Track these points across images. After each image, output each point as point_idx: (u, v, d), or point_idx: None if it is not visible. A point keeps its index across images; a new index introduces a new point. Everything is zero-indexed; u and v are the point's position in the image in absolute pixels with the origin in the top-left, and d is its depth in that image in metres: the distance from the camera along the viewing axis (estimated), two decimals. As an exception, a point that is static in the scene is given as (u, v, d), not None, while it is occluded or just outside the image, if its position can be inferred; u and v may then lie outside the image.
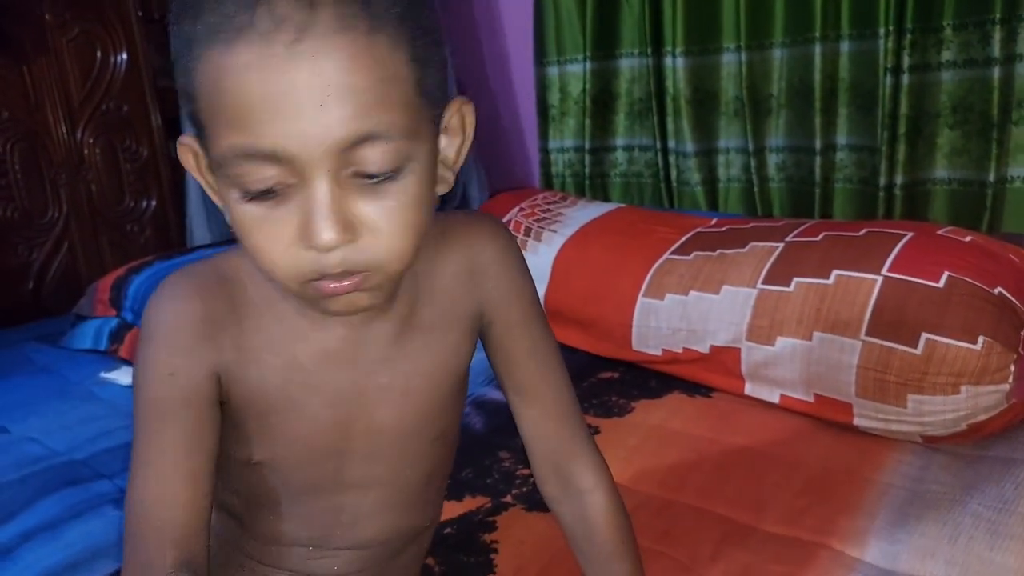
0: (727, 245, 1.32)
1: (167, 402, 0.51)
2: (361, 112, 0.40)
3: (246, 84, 0.39)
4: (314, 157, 0.40)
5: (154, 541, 0.50)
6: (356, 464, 0.57)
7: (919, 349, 1.03)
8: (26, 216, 2.05)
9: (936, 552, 0.85)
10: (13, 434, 1.28)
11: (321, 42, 0.38)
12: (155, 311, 0.52)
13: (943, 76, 1.44)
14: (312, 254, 0.43)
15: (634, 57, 1.86)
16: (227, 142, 0.41)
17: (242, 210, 0.44)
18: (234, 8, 0.38)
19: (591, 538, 0.63)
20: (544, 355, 0.62)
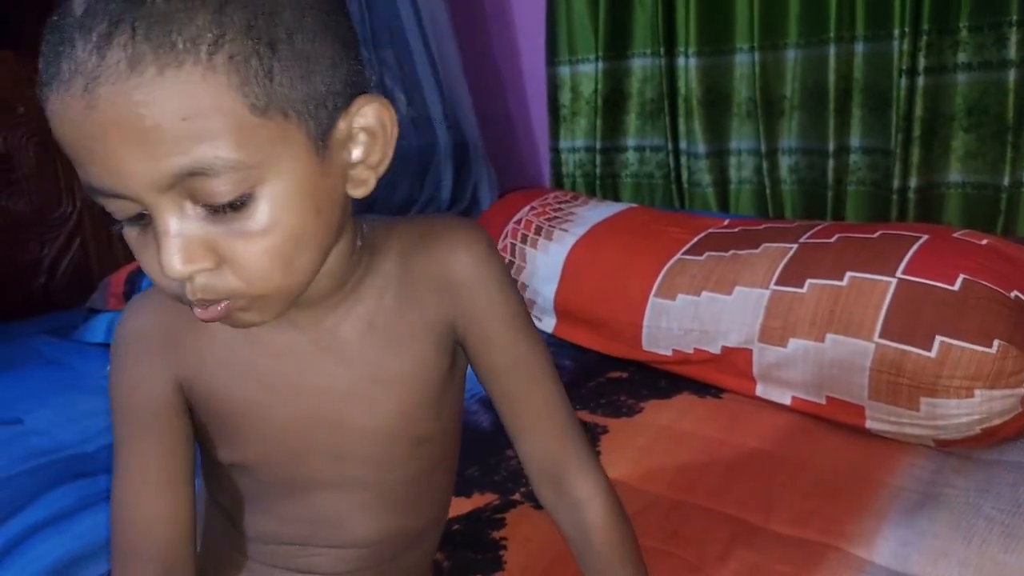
0: (740, 246, 1.32)
1: (133, 416, 0.53)
2: (166, 152, 0.39)
3: (60, 130, 0.40)
4: (140, 195, 0.41)
5: (135, 557, 0.52)
6: (325, 464, 0.57)
7: (933, 352, 1.02)
8: (39, 211, 2.07)
9: (949, 554, 0.84)
10: (24, 426, 1.29)
11: (112, 87, 0.38)
12: (120, 327, 0.55)
13: (958, 78, 1.43)
14: (173, 281, 0.44)
15: (646, 57, 1.85)
16: (80, 175, 0.42)
17: (124, 231, 0.46)
18: (50, 57, 0.40)
19: (589, 546, 0.62)
20: (529, 368, 0.59)
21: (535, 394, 0.60)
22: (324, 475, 0.58)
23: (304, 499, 0.59)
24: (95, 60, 0.38)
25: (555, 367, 0.62)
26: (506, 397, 0.60)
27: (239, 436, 0.56)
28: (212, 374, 0.54)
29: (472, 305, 0.57)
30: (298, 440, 0.56)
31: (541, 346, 0.61)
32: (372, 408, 0.56)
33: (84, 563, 0.92)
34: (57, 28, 0.40)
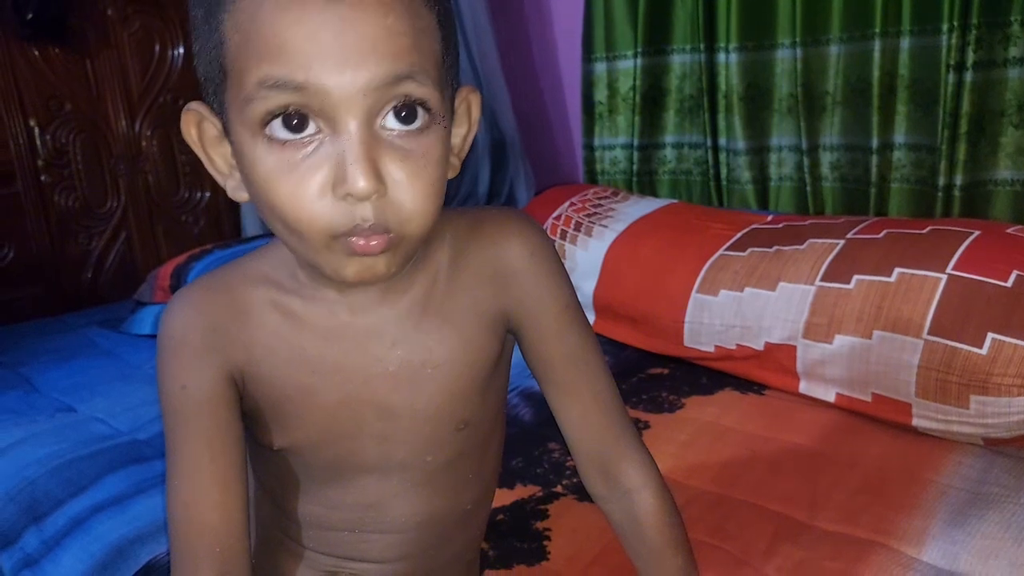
0: (784, 242, 1.31)
1: (184, 413, 0.53)
2: (398, 53, 0.41)
3: (288, 22, 0.39)
4: (351, 97, 0.41)
5: (192, 552, 0.52)
6: (371, 446, 0.58)
7: (985, 349, 1.00)
8: (86, 206, 2.12)
9: (999, 553, 0.83)
10: (80, 414, 1.34)
11: None
12: (163, 328, 0.55)
13: (1009, 73, 1.40)
14: (343, 205, 0.43)
15: (686, 53, 1.84)
16: (259, 75, 0.41)
17: (267, 160, 0.43)
18: None
19: (641, 536, 0.62)
20: (581, 358, 0.60)
21: (585, 384, 0.61)
22: (369, 458, 0.59)
23: (349, 483, 0.60)
24: None
25: (605, 359, 0.63)
26: (557, 386, 0.61)
27: (288, 420, 0.57)
28: (261, 361, 0.55)
29: (525, 295, 0.58)
30: (345, 423, 0.57)
31: (592, 337, 0.62)
32: (419, 391, 0.57)
33: (141, 542, 0.95)
34: None
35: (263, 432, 0.58)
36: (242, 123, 0.44)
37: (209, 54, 0.44)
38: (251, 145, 0.44)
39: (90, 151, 2.11)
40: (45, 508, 1.05)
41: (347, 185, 0.42)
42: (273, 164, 0.43)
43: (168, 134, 2.25)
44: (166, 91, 2.24)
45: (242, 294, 0.55)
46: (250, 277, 0.56)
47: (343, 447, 0.58)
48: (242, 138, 0.45)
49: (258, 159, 0.44)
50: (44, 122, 2.02)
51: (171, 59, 2.25)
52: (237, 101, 0.44)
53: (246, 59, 0.41)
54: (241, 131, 0.45)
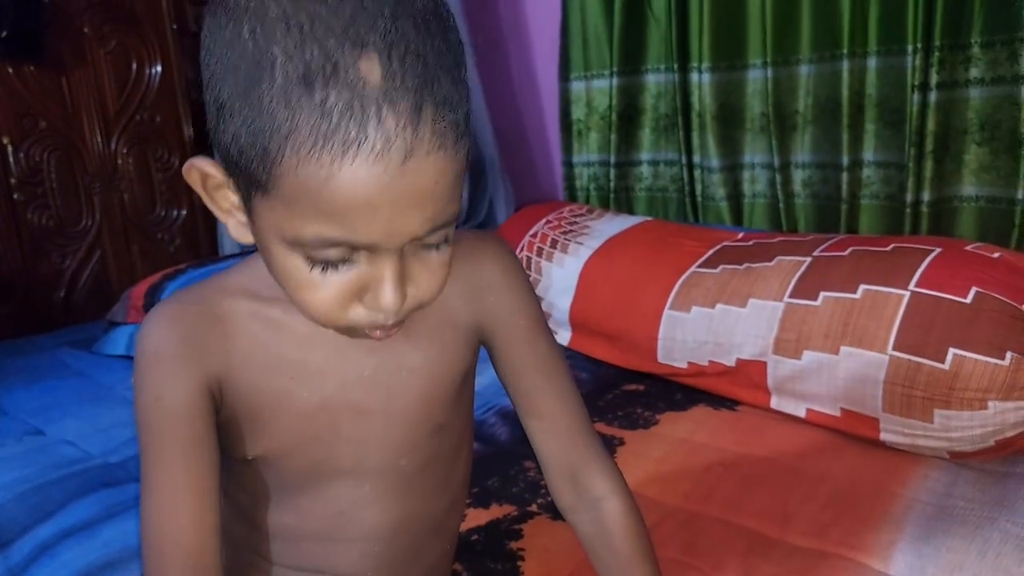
0: (754, 259, 1.33)
1: (158, 425, 0.54)
2: (440, 211, 0.45)
3: (352, 192, 0.41)
4: (394, 247, 0.45)
5: (166, 565, 0.53)
6: (346, 451, 0.59)
7: (947, 364, 1.03)
8: (60, 224, 2.10)
9: (964, 566, 0.85)
10: (49, 436, 1.32)
11: (422, 161, 0.42)
12: (139, 342, 0.55)
13: (971, 93, 1.44)
14: (368, 312, 0.47)
15: (660, 73, 1.88)
16: (315, 231, 0.43)
17: (299, 270, 0.46)
18: (341, 117, 0.40)
19: (609, 544, 0.64)
20: (550, 368, 0.64)
21: (554, 393, 0.64)
22: (344, 463, 0.59)
23: (323, 490, 0.60)
24: (409, 133, 0.41)
25: (570, 372, 0.66)
26: (527, 395, 0.64)
27: (264, 427, 0.57)
28: (239, 369, 0.55)
29: (499, 306, 0.62)
30: (322, 427, 0.58)
31: (558, 350, 0.66)
32: (395, 395, 0.59)
33: (111, 569, 0.94)
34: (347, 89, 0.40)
35: (236, 442, 0.58)
36: (280, 237, 0.45)
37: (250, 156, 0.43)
38: (284, 254, 0.46)
39: (65, 169, 2.10)
40: (11, 535, 1.03)
41: (379, 303, 0.46)
42: (307, 277, 0.46)
43: (144, 152, 2.24)
44: (143, 109, 2.23)
45: (219, 305, 0.56)
46: (227, 289, 0.57)
47: (318, 452, 0.58)
48: (272, 240, 0.46)
49: (291, 267, 0.46)
50: (18, 139, 2.00)
51: (148, 77, 2.24)
52: (278, 221, 0.44)
53: (301, 208, 0.43)
54: (273, 236, 0.46)
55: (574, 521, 0.66)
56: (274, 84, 0.40)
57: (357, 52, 0.40)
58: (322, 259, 0.45)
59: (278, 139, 0.41)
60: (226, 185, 0.49)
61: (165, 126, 2.28)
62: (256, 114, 0.41)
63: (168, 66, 2.26)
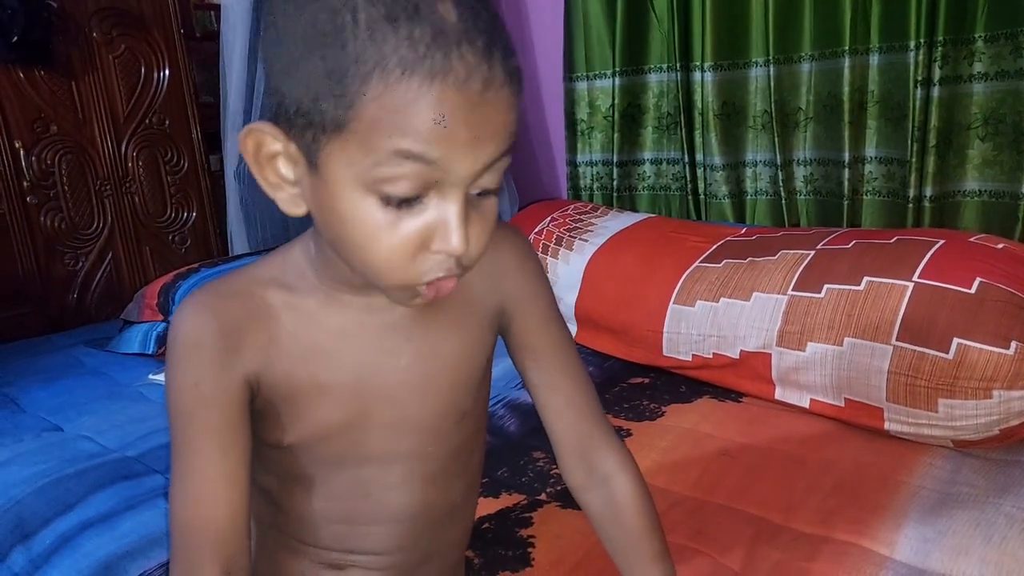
0: (757, 253, 1.34)
1: (196, 411, 0.55)
2: (502, 144, 0.48)
3: (436, 115, 0.44)
4: (464, 177, 0.47)
5: (197, 549, 0.54)
6: (377, 437, 0.61)
7: (951, 354, 1.04)
8: (72, 227, 2.13)
9: (969, 551, 0.86)
10: (67, 432, 1.34)
11: (498, 94, 0.46)
12: (175, 331, 0.56)
13: (974, 88, 1.45)
14: (438, 258, 0.49)
15: (663, 72, 1.89)
16: (394, 144, 0.45)
17: (372, 214, 0.48)
18: (428, 48, 0.43)
19: (619, 520, 0.66)
20: (564, 348, 0.67)
21: (567, 374, 0.67)
22: (376, 449, 0.61)
23: (354, 474, 0.62)
24: (485, 68, 0.45)
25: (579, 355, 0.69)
26: (542, 376, 0.67)
27: (301, 415, 0.59)
28: (276, 360, 0.57)
29: (517, 289, 0.65)
30: (356, 415, 0.59)
31: (569, 334, 0.69)
32: (428, 383, 0.61)
33: (131, 558, 0.96)
34: (430, 25, 0.43)
35: (272, 430, 0.59)
36: (354, 177, 0.47)
37: (318, 97, 0.45)
38: (357, 198, 0.47)
39: (76, 173, 2.12)
40: (32, 527, 1.06)
41: (448, 246, 0.48)
42: (379, 221, 0.48)
43: (155, 155, 2.27)
44: (152, 113, 2.26)
45: (256, 297, 0.57)
46: (260, 281, 0.58)
47: (352, 439, 0.60)
48: (343, 188, 0.48)
49: (363, 213, 0.48)
50: (29, 144, 2.03)
51: (157, 81, 2.27)
52: (354, 158, 0.46)
53: (381, 127, 0.45)
54: (345, 182, 0.47)
55: (585, 500, 0.68)
56: (358, 26, 0.44)
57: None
58: (396, 190, 0.46)
59: (364, 71, 0.44)
60: (282, 154, 0.50)
61: (175, 129, 2.31)
62: (338, 55, 0.44)
63: (176, 70, 2.29)
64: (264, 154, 0.51)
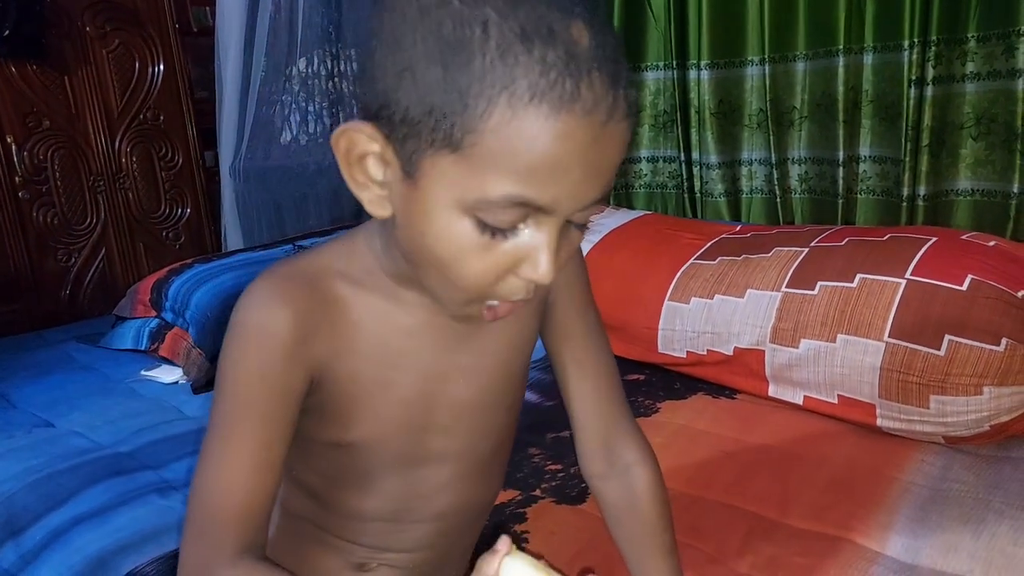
0: (752, 250, 1.35)
1: (254, 400, 0.53)
2: (611, 181, 0.46)
3: (558, 149, 0.42)
4: (569, 212, 0.45)
5: (220, 532, 0.52)
6: (437, 437, 0.61)
7: (942, 350, 1.04)
8: (65, 222, 2.12)
9: (959, 547, 0.86)
10: (58, 428, 1.33)
11: (618, 126, 0.44)
12: (247, 315, 0.53)
13: (967, 87, 1.46)
14: (522, 282, 0.48)
15: (659, 70, 1.90)
16: (504, 189, 0.43)
17: (466, 237, 0.46)
18: (559, 75, 0.41)
19: (636, 510, 0.66)
20: (596, 337, 0.66)
21: (599, 359, 0.66)
22: (433, 449, 0.61)
23: (409, 474, 0.61)
24: (611, 97, 0.43)
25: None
26: (575, 361, 0.66)
27: (360, 415, 0.58)
28: (342, 356, 0.55)
29: (563, 275, 0.62)
30: (418, 416, 0.59)
31: (602, 320, 0.68)
32: (482, 381, 0.60)
33: (123, 553, 0.95)
34: (564, 49, 0.41)
35: (330, 427, 0.58)
36: (455, 199, 0.45)
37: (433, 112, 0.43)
38: (453, 218, 0.45)
39: (69, 168, 2.11)
40: (23, 523, 1.05)
41: (537, 273, 0.47)
42: (473, 243, 0.46)
43: (149, 151, 2.26)
44: (146, 108, 2.25)
45: (325, 288, 0.55)
46: (329, 271, 0.56)
47: (412, 439, 0.60)
48: (441, 205, 0.45)
49: (456, 233, 0.46)
50: (21, 139, 2.02)
51: (151, 76, 2.26)
52: (461, 182, 0.44)
53: (497, 165, 0.42)
54: (445, 200, 0.45)
55: (602, 488, 0.68)
56: (488, 42, 0.41)
57: (568, 19, 0.42)
58: (496, 223, 0.45)
59: (491, 93, 0.41)
60: (374, 155, 0.48)
61: (169, 125, 2.30)
62: (462, 70, 0.41)
63: (171, 65, 2.28)
64: (356, 154, 0.49)
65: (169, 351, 1.57)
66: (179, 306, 1.58)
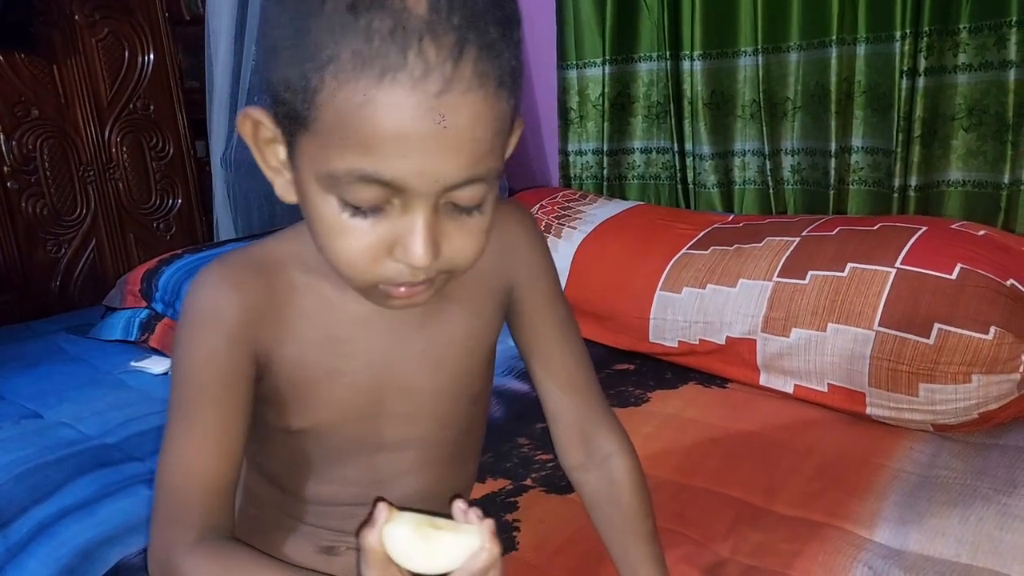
0: (743, 240, 1.35)
1: (206, 384, 0.54)
2: (475, 160, 0.43)
3: (387, 119, 0.40)
4: (426, 192, 0.43)
5: (181, 514, 0.53)
6: (392, 425, 0.60)
7: (931, 339, 1.05)
8: (55, 213, 2.11)
9: (946, 532, 0.87)
10: (47, 419, 1.33)
11: (461, 97, 0.41)
12: (195, 299, 0.54)
13: (959, 79, 1.46)
14: (398, 266, 0.46)
15: (652, 61, 1.89)
16: (347, 163, 0.42)
17: (333, 215, 0.45)
18: (383, 42, 0.40)
19: (616, 500, 0.66)
20: (567, 329, 0.66)
21: (569, 354, 0.66)
22: (389, 436, 0.61)
23: (367, 460, 0.61)
24: (449, 67, 0.40)
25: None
26: (544, 356, 0.66)
27: (312, 401, 0.58)
28: (291, 343, 0.55)
29: (525, 266, 0.64)
30: (370, 403, 0.59)
31: (572, 313, 0.68)
32: (441, 369, 0.60)
33: (110, 545, 0.95)
34: (391, 16, 0.40)
35: (279, 414, 0.58)
36: (316, 176, 0.45)
37: (294, 90, 0.43)
38: (319, 196, 0.45)
39: (58, 158, 2.10)
40: (10, 515, 1.05)
41: (408, 256, 0.45)
42: (341, 223, 0.45)
43: (139, 141, 2.24)
44: (136, 98, 2.24)
45: (275, 274, 0.56)
46: (282, 258, 0.56)
47: (365, 426, 0.59)
48: (309, 182, 0.46)
49: (324, 212, 0.46)
50: (10, 128, 2.01)
51: (141, 66, 2.25)
52: (315, 158, 0.44)
53: (336, 140, 0.42)
54: (310, 178, 0.45)
55: (581, 479, 0.68)
56: (322, 13, 0.41)
57: None
58: (354, 201, 0.44)
59: (320, 65, 0.41)
60: (276, 139, 0.48)
61: (159, 115, 2.28)
62: (303, 45, 0.41)
63: (161, 55, 2.27)
64: (261, 139, 0.49)
65: (159, 342, 1.56)
66: (169, 296, 1.57)
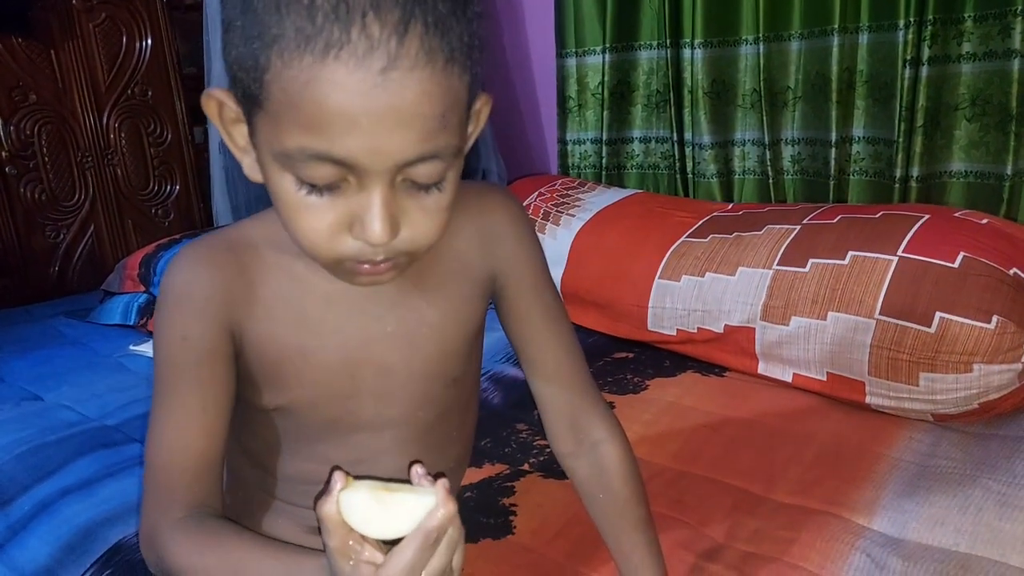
0: (743, 228, 1.34)
1: (183, 363, 0.55)
2: (427, 136, 0.43)
3: (332, 98, 0.40)
4: (380, 170, 0.43)
5: (168, 492, 0.54)
6: (368, 404, 0.60)
7: (933, 328, 1.04)
8: (53, 198, 2.10)
9: (945, 521, 0.87)
10: (47, 401, 1.33)
11: (407, 73, 0.41)
12: (169, 280, 0.56)
13: (963, 68, 1.44)
14: (357, 243, 0.46)
15: (653, 49, 1.88)
16: (298, 142, 0.43)
17: (291, 193, 0.46)
18: (326, 19, 0.40)
19: (607, 486, 0.66)
20: (555, 317, 0.66)
21: (558, 342, 0.66)
22: (365, 416, 0.61)
23: (344, 439, 0.62)
24: (394, 44, 0.40)
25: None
26: (532, 344, 0.66)
27: (287, 380, 0.58)
28: (263, 320, 0.56)
29: (510, 254, 0.63)
30: (344, 382, 0.59)
31: (561, 300, 0.68)
32: (416, 350, 0.60)
33: (110, 524, 0.95)
34: None
35: (255, 392, 0.59)
36: (272, 155, 0.45)
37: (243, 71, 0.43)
38: (277, 174, 0.46)
39: (56, 143, 2.09)
40: (10, 494, 1.05)
41: (366, 234, 0.45)
42: (298, 200, 0.46)
43: (138, 126, 2.23)
44: (134, 83, 2.22)
45: (247, 254, 0.56)
46: (254, 238, 0.57)
47: (340, 406, 0.60)
48: (267, 160, 0.46)
49: (282, 188, 0.46)
50: (8, 113, 1.99)
51: (139, 51, 2.23)
52: (270, 137, 0.44)
53: (286, 119, 0.42)
54: (268, 157, 0.46)
55: (572, 466, 0.68)
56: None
57: None
58: (309, 180, 0.44)
59: (267, 44, 0.41)
60: (239, 119, 0.48)
61: (157, 101, 2.27)
62: (251, 25, 0.42)
63: (159, 40, 2.25)
64: (226, 118, 0.50)
65: (157, 326, 1.56)
66: (168, 281, 1.57)
